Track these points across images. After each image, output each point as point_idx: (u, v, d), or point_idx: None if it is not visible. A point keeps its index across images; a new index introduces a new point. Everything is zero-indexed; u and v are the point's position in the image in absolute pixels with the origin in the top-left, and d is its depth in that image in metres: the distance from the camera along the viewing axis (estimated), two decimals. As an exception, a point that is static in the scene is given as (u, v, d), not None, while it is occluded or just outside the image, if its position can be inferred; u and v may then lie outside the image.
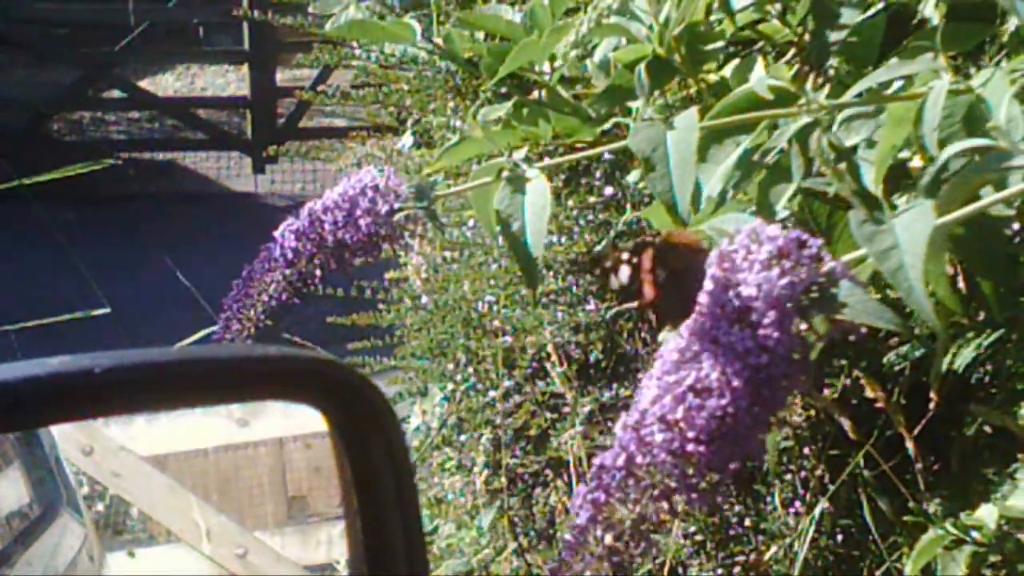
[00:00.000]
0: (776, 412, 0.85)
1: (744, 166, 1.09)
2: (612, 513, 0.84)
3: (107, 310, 2.32)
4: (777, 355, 0.83)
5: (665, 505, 0.84)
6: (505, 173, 1.18)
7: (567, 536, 0.85)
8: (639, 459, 0.84)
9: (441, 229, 1.24)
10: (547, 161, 1.28)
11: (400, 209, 1.19)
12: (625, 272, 0.87)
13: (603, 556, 0.84)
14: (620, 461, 0.84)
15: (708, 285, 0.85)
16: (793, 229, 0.86)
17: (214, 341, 1.23)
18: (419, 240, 1.24)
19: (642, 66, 1.18)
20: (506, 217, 1.16)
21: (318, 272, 1.21)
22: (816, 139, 1.00)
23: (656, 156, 1.07)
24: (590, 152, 1.30)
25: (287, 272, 1.21)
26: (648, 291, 0.85)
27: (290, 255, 1.21)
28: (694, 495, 0.84)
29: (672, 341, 0.86)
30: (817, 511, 1.73)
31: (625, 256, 0.88)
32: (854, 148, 1.03)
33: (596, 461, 0.85)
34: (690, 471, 0.83)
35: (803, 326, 0.85)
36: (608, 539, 0.84)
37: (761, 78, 1.09)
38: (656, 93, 1.20)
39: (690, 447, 0.83)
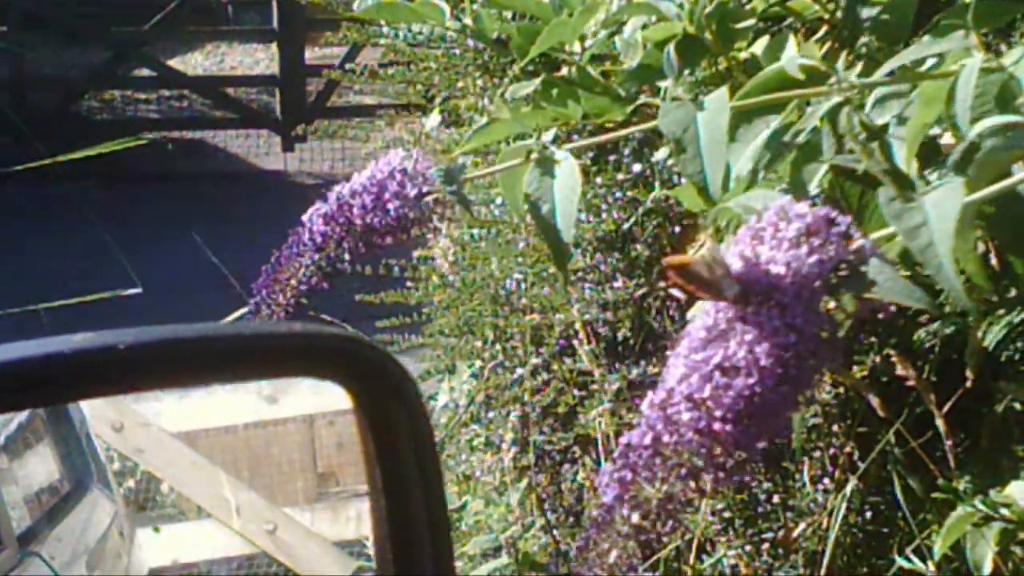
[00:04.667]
0: (804, 391, 0.85)
1: (774, 146, 1.08)
2: (639, 491, 0.83)
3: (138, 290, 2.32)
4: (805, 334, 0.83)
5: (692, 484, 0.83)
6: (534, 155, 1.17)
7: (593, 514, 0.85)
8: (666, 438, 0.83)
9: (471, 213, 1.24)
10: (576, 142, 1.27)
11: (429, 192, 1.19)
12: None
13: (630, 534, 0.84)
14: (647, 440, 0.84)
15: (736, 263, 0.85)
16: (823, 207, 0.86)
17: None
18: (447, 223, 1.24)
19: (671, 46, 1.17)
20: (535, 199, 1.15)
21: (347, 256, 1.21)
22: (846, 116, 0.99)
23: (686, 137, 1.06)
24: (620, 133, 1.30)
25: (316, 257, 1.21)
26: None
27: (319, 239, 1.20)
28: (721, 474, 0.83)
29: (699, 319, 0.85)
30: (848, 489, 1.72)
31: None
32: (885, 127, 1.02)
33: (623, 439, 0.85)
34: (717, 450, 0.83)
35: (831, 304, 0.84)
36: (635, 518, 0.83)
37: (792, 57, 1.08)
38: (686, 72, 1.19)
39: (717, 426, 0.82)
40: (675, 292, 0.87)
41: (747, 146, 1.08)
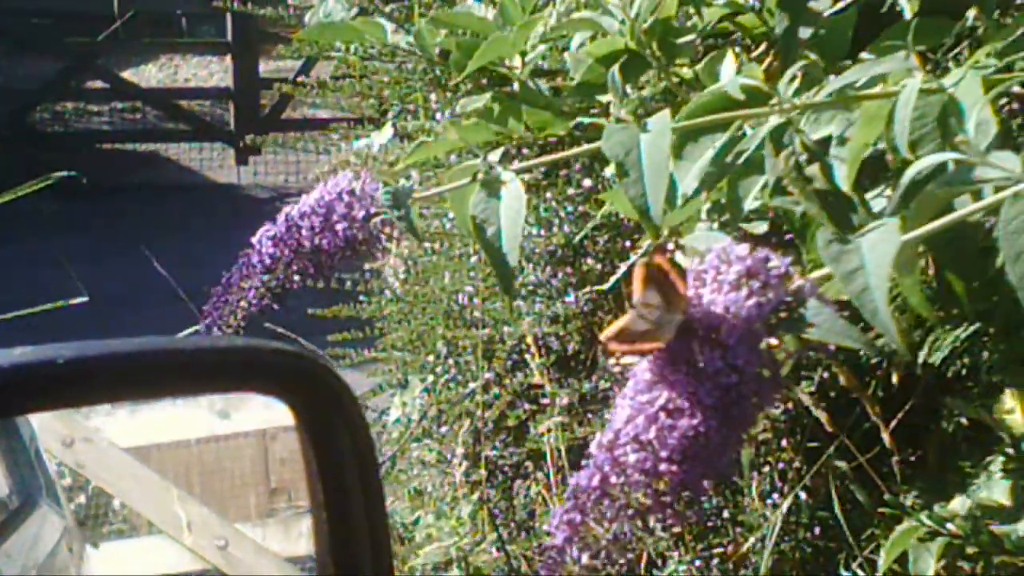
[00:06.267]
0: (747, 430, 0.86)
1: (719, 165, 1.08)
2: (588, 532, 0.85)
3: (85, 299, 2.30)
4: (746, 375, 0.84)
5: (640, 523, 0.84)
6: (480, 175, 1.17)
7: (545, 557, 0.86)
8: (613, 479, 0.84)
9: (417, 236, 1.24)
10: (523, 163, 1.27)
11: (377, 214, 1.19)
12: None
13: (581, 575, 0.85)
14: (595, 481, 0.85)
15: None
16: (762, 249, 0.86)
17: None
18: (396, 243, 1.25)
19: (616, 68, 1.16)
20: (481, 222, 1.15)
21: (296, 278, 1.22)
22: (784, 160, 1.00)
23: (629, 161, 1.05)
24: (565, 154, 1.30)
25: (265, 278, 1.21)
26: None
27: (268, 261, 1.21)
28: (668, 513, 0.84)
29: (644, 361, 0.86)
30: (787, 504, 1.73)
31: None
32: (827, 141, 1.02)
33: (571, 481, 0.86)
34: (663, 490, 0.84)
35: (773, 342, 0.85)
36: (585, 559, 0.85)
37: (733, 80, 1.08)
38: (629, 90, 1.19)
39: (663, 467, 0.84)
40: (625, 361, 0.88)
41: (693, 164, 1.08)
